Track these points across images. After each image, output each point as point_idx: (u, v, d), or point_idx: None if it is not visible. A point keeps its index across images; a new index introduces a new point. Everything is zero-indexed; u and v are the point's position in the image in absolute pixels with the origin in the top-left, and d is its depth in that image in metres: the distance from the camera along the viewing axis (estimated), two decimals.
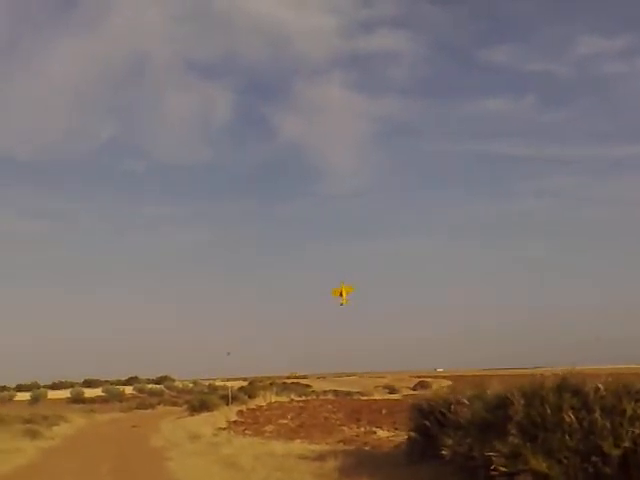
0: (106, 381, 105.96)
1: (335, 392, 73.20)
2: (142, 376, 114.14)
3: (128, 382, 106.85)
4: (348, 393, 74.13)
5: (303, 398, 58.25)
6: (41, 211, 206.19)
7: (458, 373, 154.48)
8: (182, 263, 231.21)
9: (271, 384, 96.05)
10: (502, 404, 11.00)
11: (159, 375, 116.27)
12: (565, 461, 9.64)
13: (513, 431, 10.33)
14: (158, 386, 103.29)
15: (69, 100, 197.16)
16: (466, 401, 13.65)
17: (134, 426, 39.12)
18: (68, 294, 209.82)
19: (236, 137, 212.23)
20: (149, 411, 60.96)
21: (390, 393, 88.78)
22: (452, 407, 13.75)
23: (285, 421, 31.46)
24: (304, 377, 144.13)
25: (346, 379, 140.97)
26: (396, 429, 25.80)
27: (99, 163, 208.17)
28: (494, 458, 10.22)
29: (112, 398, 79.84)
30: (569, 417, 9.91)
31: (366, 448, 18.77)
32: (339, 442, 21.55)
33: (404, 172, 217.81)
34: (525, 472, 9.82)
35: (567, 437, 9.80)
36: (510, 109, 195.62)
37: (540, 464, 9.74)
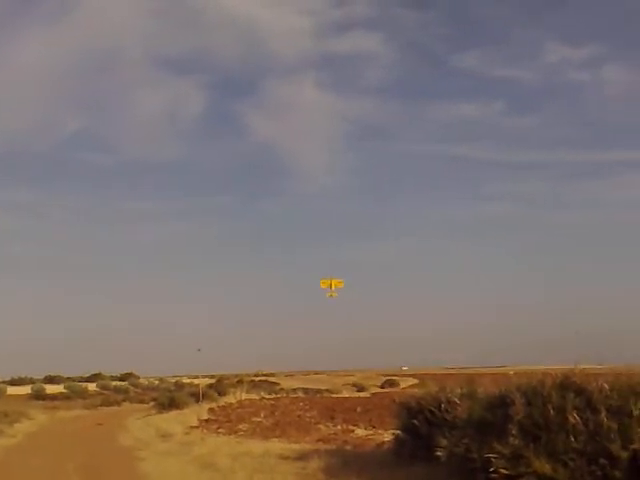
0: (68, 378, 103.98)
1: (305, 390, 72.66)
2: (105, 373, 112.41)
3: (91, 379, 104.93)
4: (318, 391, 73.64)
5: (273, 396, 57.67)
6: (4, 203, 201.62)
7: (423, 371, 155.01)
8: (149, 260, 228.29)
9: (239, 382, 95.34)
10: (501, 403, 10.55)
11: (123, 372, 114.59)
12: (571, 464, 9.21)
13: (514, 432, 9.89)
14: (123, 383, 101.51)
15: (35, 93, 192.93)
16: (457, 400, 13.25)
17: (100, 424, 38.03)
18: (30, 289, 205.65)
19: (207, 134, 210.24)
20: (114, 408, 59.61)
21: (359, 391, 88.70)
22: (442, 406, 13.33)
23: (259, 419, 30.82)
24: (272, 375, 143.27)
25: (314, 377, 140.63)
26: (374, 427, 25.40)
27: (65, 156, 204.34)
28: (494, 460, 9.77)
29: (75, 395, 78.03)
30: (574, 418, 9.49)
31: (348, 447, 18.25)
32: (318, 441, 21.01)
33: (375, 173, 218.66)
34: (528, 475, 9.38)
35: (572, 438, 9.38)
36: (480, 113, 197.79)
37: (544, 466, 9.31)
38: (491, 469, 9.70)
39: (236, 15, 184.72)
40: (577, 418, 9.51)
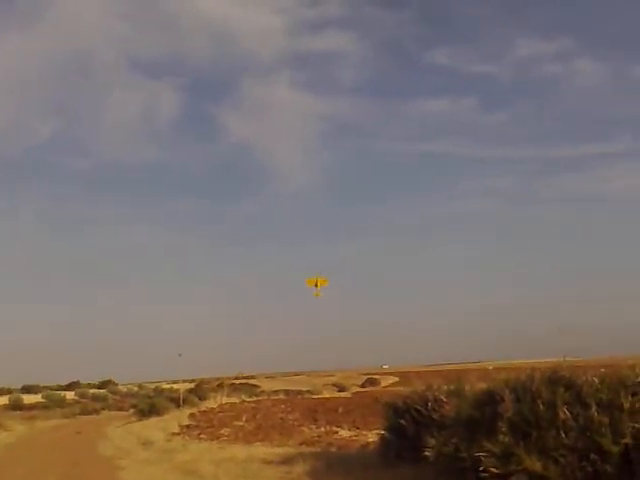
0: (45, 387, 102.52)
1: (286, 392, 72.40)
2: (83, 381, 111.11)
3: (69, 387, 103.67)
4: (299, 392, 73.39)
5: (254, 399, 57.39)
6: None
7: (403, 369, 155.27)
8: (125, 264, 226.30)
9: (219, 385, 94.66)
10: (490, 400, 10.37)
11: (101, 380, 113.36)
12: (562, 460, 9.06)
13: (504, 429, 9.71)
14: (101, 391, 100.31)
15: (9, 97, 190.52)
16: (444, 398, 13.07)
17: (79, 432, 37.39)
18: (3, 297, 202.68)
19: (183, 136, 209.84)
20: (93, 417, 58.78)
21: (339, 391, 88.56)
22: (429, 404, 13.13)
23: (240, 423, 30.46)
24: (252, 377, 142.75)
25: (294, 378, 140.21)
26: (357, 428, 25.19)
27: (40, 160, 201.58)
28: (484, 459, 9.58)
29: (53, 404, 76.86)
30: (564, 413, 9.34)
31: (332, 449, 18.01)
32: (301, 444, 20.74)
33: (351, 171, 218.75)
34: (519, 472, 9.21)
35: (562, 434, 9.22)
36: (453, 110, 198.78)
37: (535, 464, 9.14)
38: (481, 468, 9.52)
39: (210, 16, 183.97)
40: (567, 413, 9.36)
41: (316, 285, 29.03)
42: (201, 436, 25.63)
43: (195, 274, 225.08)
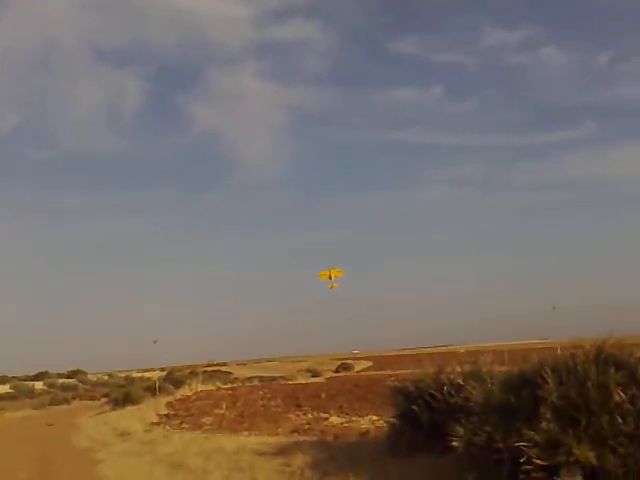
0: (14, 377, 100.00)
1: (260, 378, 71.12)
2: (52, 371, 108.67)
3: (37, 377, 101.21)
4: (273, 378, 72.18)
5: (230, 386, 56.02)
6: None
7: (374, 354, 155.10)
8: (92, 255, 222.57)
9: (191, 373, 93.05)
10: (525, 383, 9.23)
11: (70, 369, 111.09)
12: (621, 450, 7.96)
13: (547, 415, 8.58)
14: (71, 380, 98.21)
15: None
16: (461, 381, 11.93)
17: (51, 424, 35.84)
18: None
19: (149, 126, 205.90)
20: (64, 407, 57.17)
21: (313, 376, 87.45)
22: (445, 389, 11.99)
23: (221, 411, 29.11)
24: (223, 364, 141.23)
25: (266, 365, 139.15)
26: (347, 414, 24.06)
27: (4, 152, 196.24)
28: (526, 449, 8.45)
29: (21, 395, 74.80)
30: (619, 396, 8.23)
31: (329, 438, 16.78)
32: (292, 432, 19.51)
33: (319, 161, 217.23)
34: (569, 464, 8.09)
35: (619, 420, 8.11)
36: (420, 98, 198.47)
37: (587, 454, 8.03)
38: (522, 459, 8.39)
39: (175, 5, 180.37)
40: (622, 396, 8.25)
41: (330, 277, 29.33)
42: (182, 426, 24.26)
43: (162, 264, 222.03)
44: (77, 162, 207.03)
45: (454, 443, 9.62)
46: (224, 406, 31.77)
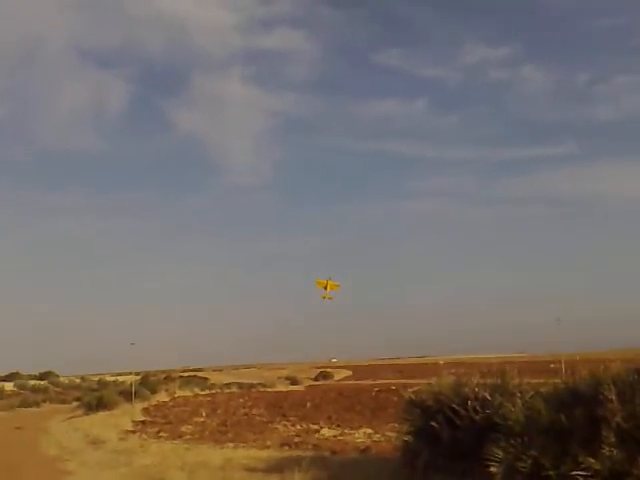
0: None
1: (239, 385, 69.34)
2: (23, 372, 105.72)
3: (8, 378, 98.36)
4: (251, 385, 70.45)
5: (207, 392, 54.32)
6: None
7: (352, 363, 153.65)
8: (70, 255, 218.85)
9: (167, 378, 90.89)
10: (581, 401, 7.80)
11: (41, 371, 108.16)
12: None
13: (611, 440, 7.15)
14: (42, 382, 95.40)
15: None
16: (488, 396, 10.46)
17: (19, 427, 33.92)
18: None
19: (132, 128, 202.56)
20: (34, 409, 54.99)
21: (292, 384, 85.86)
22: (469, 403, 10.50)
23: (201, 419, 27.48)
24: (200, 370, 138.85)
25: (244, 371, 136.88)
26: (338, 426, 22.58)
27: None
28: (583, 479, 7.02)
29: None
30: None
31: (326, 454, 15.23)
32: (282, 445, 17.92)
33: (301, 168, 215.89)
34: None
35: None
36: (403, 111, 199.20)
37: None
38: None
39: (162, 9, 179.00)
40: None
41: (325, 288, 28.92)
42: (160, 434, 22.54)
43: (141, 266, 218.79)
44: (58, 161, 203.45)
45: (492, 468, 8.16)
46: (204, 413, 30.17)
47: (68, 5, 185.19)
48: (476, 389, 10.64)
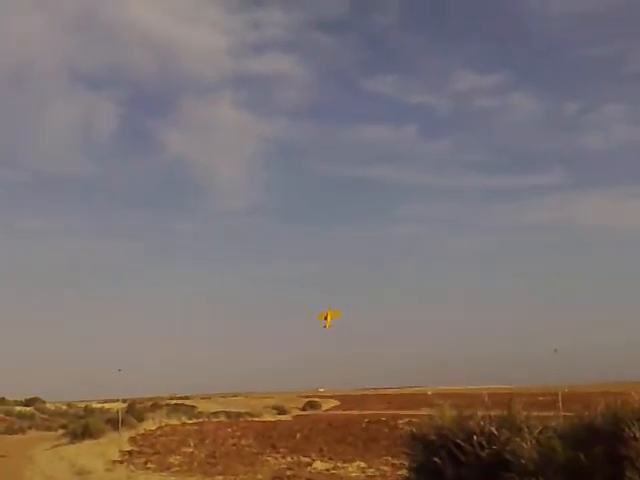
0: None
1: (227, 414, 68.23)
2: (9, 397, 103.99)
3: None
4: (239, 414, 69.36)
5: (194, 420, 53.37)
6: None
7: (339, 393, 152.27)
8: (57, 278, 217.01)
9: (154, 406, 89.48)
10: (601, 438, 7.46)
11: (27, 397, 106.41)
12: None
13: None
14: (28, 408, 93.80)
15: None
16: (494, 430, 10.08)
17: (2, 456, 33.04)
18: None
19: (122, 151, 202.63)
20: (19, 436, 53.84)
21: (280, 414, 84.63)
22: (475, 438, 10.12)
23: (189, 449, 26.85)
24: (187, 397, 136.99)
25: (231, 400, 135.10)
26: (330, 459, 22.06)
27: None
28: None
29: None
30: None
31: None
32: (274, 479, 17.45)
33: (290, 193, 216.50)
34: None
35: None
36: (393, 137, 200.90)
37: None
38: None
39: (154, 32, 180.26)
40: None
41: (326, 318, 31.12)
42: (148, 465, 21.95)
43: (126, 291, 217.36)
44: (45, 184, 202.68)
45: None
46: (192, 444, 29.50)
47: (58, 27, 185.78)
48: (481, 422, 10.26)
